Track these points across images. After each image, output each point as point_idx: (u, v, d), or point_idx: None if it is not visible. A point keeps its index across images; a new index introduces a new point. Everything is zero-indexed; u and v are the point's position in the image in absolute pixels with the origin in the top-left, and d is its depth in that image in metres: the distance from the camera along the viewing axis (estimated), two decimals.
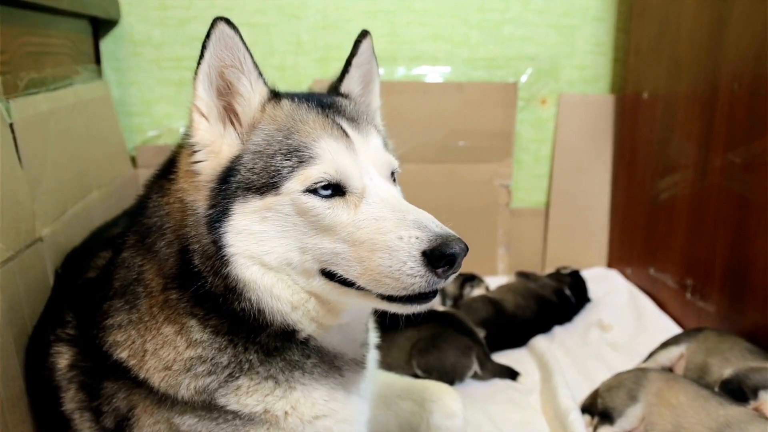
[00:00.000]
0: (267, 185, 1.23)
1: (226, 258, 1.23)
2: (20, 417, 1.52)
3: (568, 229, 3.25)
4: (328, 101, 1.39)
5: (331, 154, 1.24)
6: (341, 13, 2.97)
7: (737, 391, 1.82)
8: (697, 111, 2.48)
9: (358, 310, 1.37)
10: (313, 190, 1.22)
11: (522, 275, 2.93)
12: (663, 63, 2.73)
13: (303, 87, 2.96)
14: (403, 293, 1.17)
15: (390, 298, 1.21)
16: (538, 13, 3.08)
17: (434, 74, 3.10)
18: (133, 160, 2.90)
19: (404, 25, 3.03)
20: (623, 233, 3.14)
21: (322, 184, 1.22)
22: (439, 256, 1.13)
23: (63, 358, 1.46)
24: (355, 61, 1.51)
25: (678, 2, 2.61)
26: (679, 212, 2.63)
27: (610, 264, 3.25)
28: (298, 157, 1.23)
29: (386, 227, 1.18)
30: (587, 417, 1.96)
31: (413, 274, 1.14)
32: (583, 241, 3.26)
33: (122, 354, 1.32)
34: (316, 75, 2.98)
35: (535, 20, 3.09)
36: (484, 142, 3.10)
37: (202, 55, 1.24)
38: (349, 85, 1.52)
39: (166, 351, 1.29)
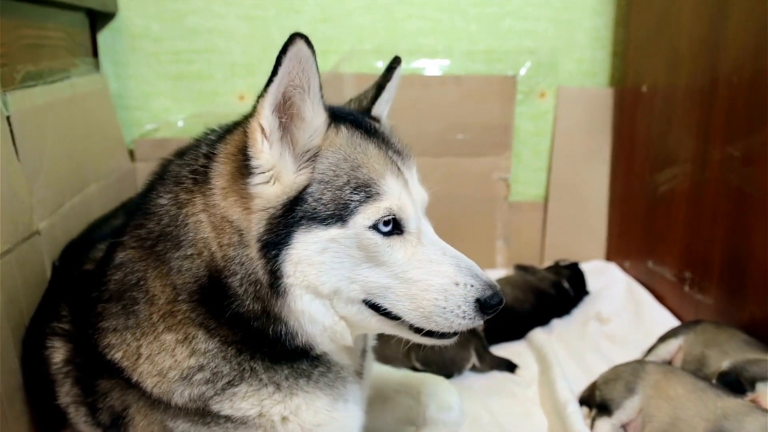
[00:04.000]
0: (333, 216, 1.20)
1: (282, 288, 1.21)
2: (18, 410, 1.52)
3: (566, 222, 3.24)
4: (371, 127, 1.39)
5: (394, 191, 1.26)
6: (340, 7, 2.96)
7: (735, 382, 1.82)
8: (696, 104, 2.48)
9: (398, 335, 1.38)
10: (375, 227, 1.22)
11: (520, 268, 2.92)
12: (662, 56, 2.72)
13: None
14: (445, 330, 1.27)
15: (424, 333, 1.28)
16: (537, 7, 3.07)
17: (433, 67, 3.08)
18: (131, 154, 2.89)
19: (403, 18, 3.02)
20: (622, 226, 3.14)
21: (386, 220, 1.23)
22: (491, 306, 1.26)
23: (58, 352, 1.45)
24: (389, 86, 1.54)
25: None
26: (677, 205, 2.63)
27: (609, 257, 3.25)
28: (366, 192, 1.22)
29: (443, 271, 1.26)
30: (585, 409, 1.96)
31: (464, 317, 1.25)
32: (581, 234, 3.25)
33: (116, 355, 1.31)
34: None
35: (534, 13, 3.08)
36: (483, 136, 3.09)
37: (275, 72, 1.15)
38: (378, 108, 1.52)
39: (163, 358, 1.27)
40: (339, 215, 1.20)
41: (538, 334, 2.49)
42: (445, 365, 2.13)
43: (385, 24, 3.00)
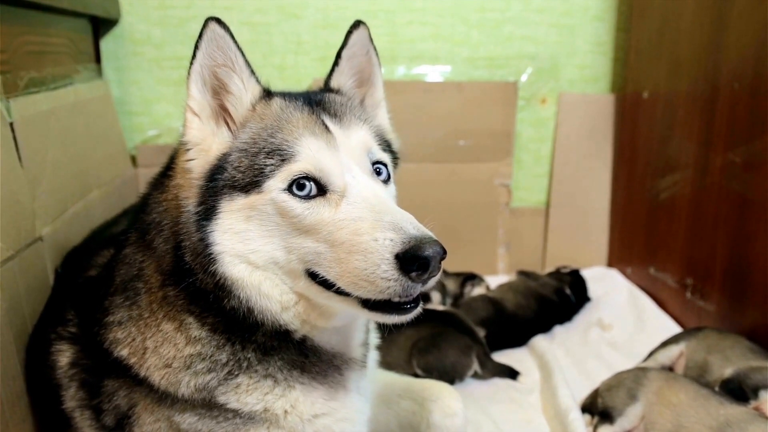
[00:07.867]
0: (251, 183, 1.23)
1: (212, 256, 1.23)
2: (20, 416, 1.52)
3: (568, 228, 3.25)
4: (316, 98, 1.38)
5: (311, 152, 1.23)
6: (341, 13, 2.97)
7: (738, 390, 1.82)
8: (697, 110, 2.48)
9: (351, 313, 1.33)
10: (290, 190, 1.21)
11: (522, 274, 2.92)
12: (663, 62, 2.73)
13: (303, 86, 2.96)
14: (380, 297, 1.15)
15: (371, 306, 1.20)
16: (538, 13, 3.08)
17: (434, 73, 3.10)
18: (133, 160, 2.90)
19: (404, 24, 3.03)
20: (623, 232, 3.14)
21: (300, 180, 1.21)
22: (411, 259, 1.09)
23: (64, 356, 1.46)
24: (344, 54, 1.49)
25: (678, 1, 2.60)
26: (679, 211, 2.63)
27: (610, 263, 3.25)
28: (280, 155, 1.23)
29: (363, 228, 1.16)
30: (587, 416, 1.96)
31: (387, 278, 1.11)
32: (583, 240, 3.26)
33: (123, 352, 1.33)
34: (316, 74, 2.98)
35: (536, 19, 3.09)
36: (485, 142, 3.10)
37: (194, 55, 1.26)
38: (339, 79, 1.50)
39: (166, 348, 1.29)
40: (256, 181, 1.23)
41: (539, 340, 2.49)
42: (447, 372, 2.13)
43: (387, 30, 3.01)
